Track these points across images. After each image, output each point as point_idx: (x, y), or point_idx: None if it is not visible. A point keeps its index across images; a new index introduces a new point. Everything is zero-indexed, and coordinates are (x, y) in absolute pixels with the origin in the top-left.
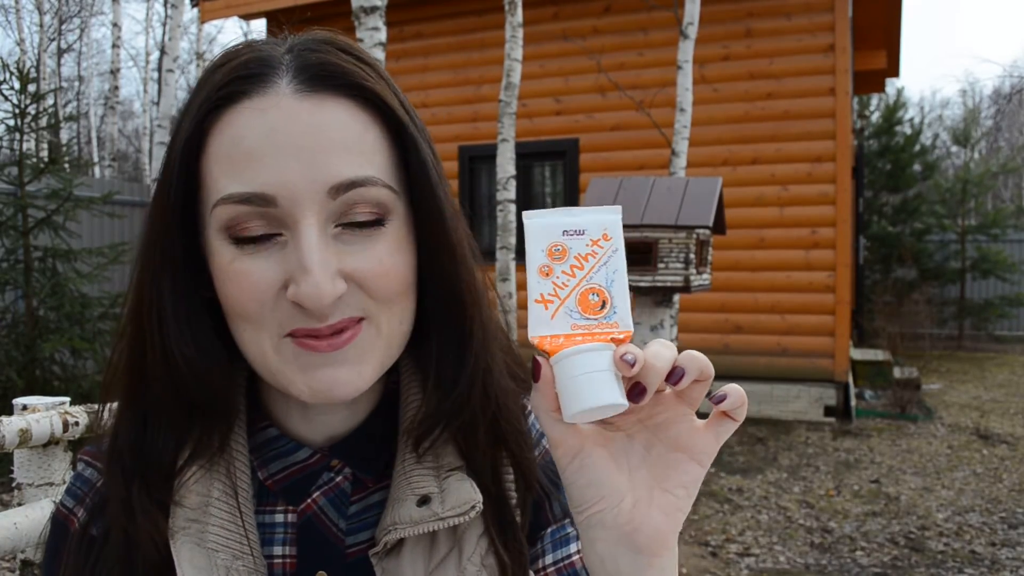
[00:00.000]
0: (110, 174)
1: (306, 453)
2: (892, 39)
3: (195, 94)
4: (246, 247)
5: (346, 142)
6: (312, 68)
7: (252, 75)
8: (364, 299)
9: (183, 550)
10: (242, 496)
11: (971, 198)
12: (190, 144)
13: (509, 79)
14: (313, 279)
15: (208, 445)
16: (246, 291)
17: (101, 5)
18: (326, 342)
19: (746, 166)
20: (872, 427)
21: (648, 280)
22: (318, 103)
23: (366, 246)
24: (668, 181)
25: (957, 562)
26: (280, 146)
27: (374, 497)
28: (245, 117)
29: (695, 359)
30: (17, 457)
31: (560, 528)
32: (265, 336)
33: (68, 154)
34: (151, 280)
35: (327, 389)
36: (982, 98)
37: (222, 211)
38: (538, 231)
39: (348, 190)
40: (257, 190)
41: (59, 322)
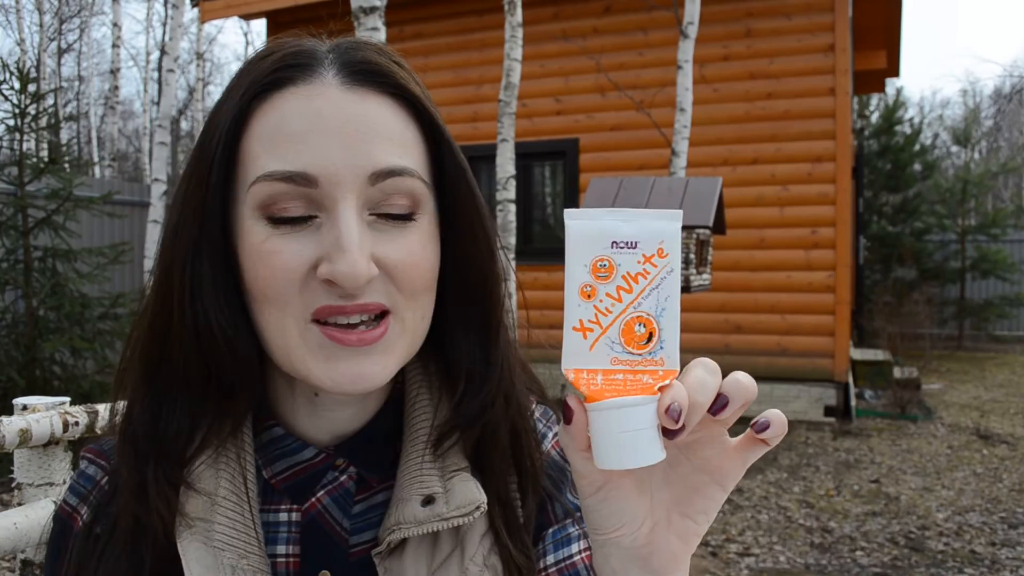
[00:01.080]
0: (110, 174)
1: (311, 452)
2: (892, 39)
3: (238, 80)
4: (281, 227)
5: (388, 133)
6: (357, 64)
7: (300, 64)
8: (392, 290)
9: (190, 549)
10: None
11: (971, 198)
12: (234, 125)
13: (509, 79)
14: (351, 257)
15: (220, 432)
16: (278, 269)
17: (101, 5)
18: (355, 336)
19: (746, 166)
20: (872, 427)
21: None
22: (362, 96)
23: (397, 236)
24: (668, 181)
25: (957, 562)
26: (325, 129)
27: (378, 497)
28: (292, 102)
29: (740, 387)
30: (17, 457)
31: (562, 528)
32: (291, 320)
33: (68, 154)
34: (185, 257)
35: (350, 382)
36: (982, 98)
37: (261, 188)
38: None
39: (387, 177)
40: (300, 169)
41: (59, 322)
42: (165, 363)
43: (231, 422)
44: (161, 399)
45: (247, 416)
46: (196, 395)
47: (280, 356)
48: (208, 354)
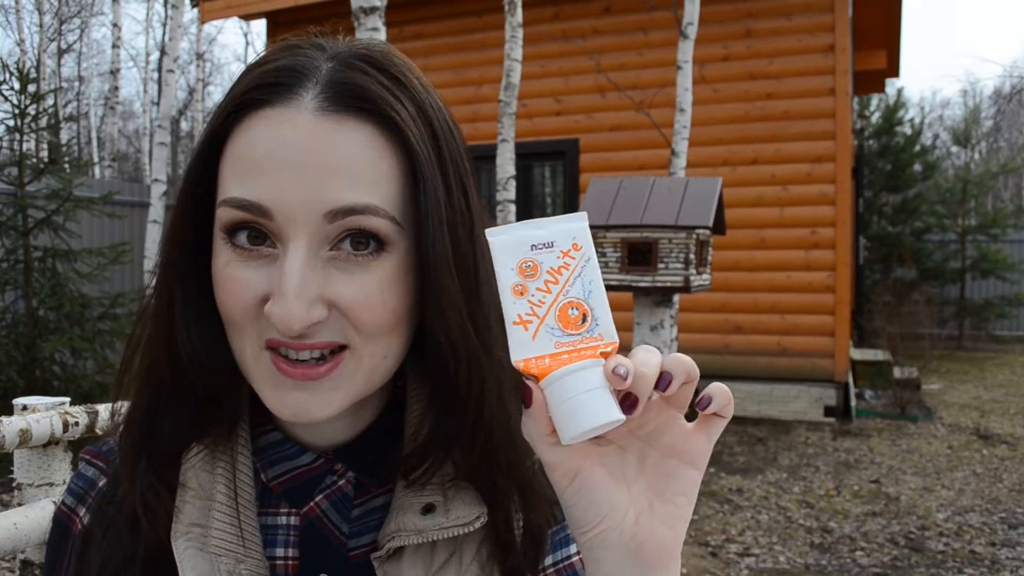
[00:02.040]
0: (110, 174)
1: (309, 457)
2: (892, 39)
3: (230, 90)
4: (240, 251)
5: (354, 167)
6: (338, 86)
7: (279, 84)
8: (347, 328)
9: (186, 556)
10: (244, 499)
11: (971, 198)
12: (211, 144)
13: (509, 79)
14: (286, 303)
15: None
16: (232, 296)
17: (101, 5)
18: (300, 370)
19: (746, 166)
20: (872, 427)
21: (648, 280)
22: (336, 123)
23: (356, 275)
24: (668, 181)
25: (957, 562)
26: (285, 161)
27: (377, 501)
28: (261, 126)
29: (680, 362)
30: (17, 457)
31: (561, 528)
32: (247, 344)
33: (68, 154)
34: (167, 272)
35: (293, 414)
36: (982, 98)
37: (223, 212)
38: (505, 249)
39: (345, 216)
40: (255, 200)
41: (59, 322)
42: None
43: (223, 427)
44: (158, 400)
45: (238, 422)
46: (184, 403)
47: (246, 375)
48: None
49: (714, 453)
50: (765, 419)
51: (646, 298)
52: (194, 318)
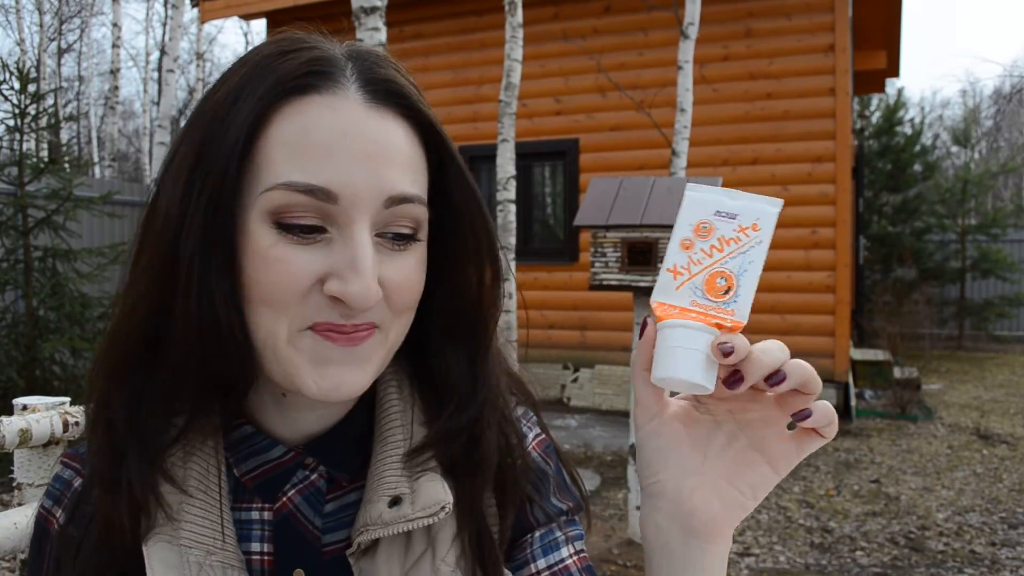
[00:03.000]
0: (110, 174)
1: (280, 451)
2: (892, 39)
3: (257, 76)
4: (289, 235)
5: (403, 159)
6: (380, 83)
7: (323, 72)
8: (385, 308)
9: (154, 549)
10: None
11: (971, 198)
12: (254, 124)
13: (509, 79)
14: (365, 280)
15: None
16: (283, 277)
17: (101, 5)
18: (346, 336)
19: (746, 166)
20: (872, 427)
21: (648, 280)
22: (382, 117)
23: (398, 259)
24: (668, 181)
25: (957, 562)
26: (350, 148)
27: (350, 496)
28: (316, 111)
29: (802, 369)
30: (17, 457)
31: (548, 532)
32: (283, 326)
33: (68, 154)
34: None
35: (333, 387)
36: (982, 98)
37: (277, 195)
38: (693, 205)
39: (400, 203)
40: (322, 184)
41: (59, 322)
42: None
43: (215, 419)
44: (142, 393)
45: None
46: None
47: (267, 355)
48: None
49: None
50: None
51: (646, 298)
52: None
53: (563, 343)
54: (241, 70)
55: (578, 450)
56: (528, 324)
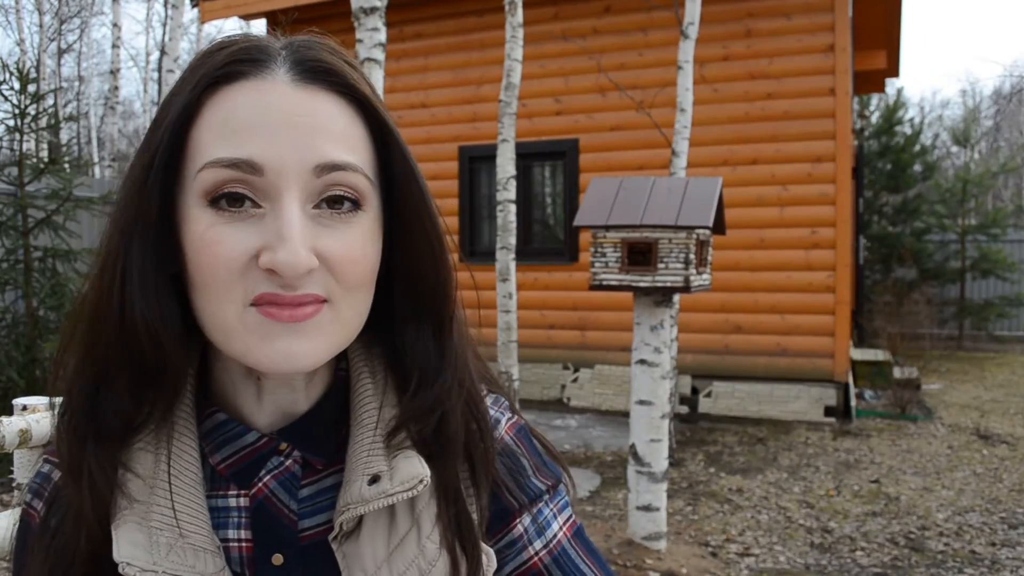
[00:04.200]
0: (110, 174)
1: (254, 436)
2: (892, 39)
3: (190, 73)
4: (224, 214)
5: (334, 130)
6: (308, 63)
7: (252, 59)
8: (331, 282)
9: (122, 527)
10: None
11: (971, 198)
12: (184, 114)
13: (509, 79)
14: (291, 246)
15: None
16: (219, 257)
17: (101, 5)
18: (287, 312)
19: (746, 166)
20: (872, 427)
21: (648, 280)
22: (311, 93)
23: (340, 231)
24: (668, 181)
25: (957, 562)
26: (274, 122)
27: (327, 481)
28: (242, 94)
29: None
30: (17, 457)
31: (539, 512)
32: (229, 306)
33: (68, 154)
34: (119, 239)
35: (283, 359)
36: (982, 98)
37: (207, 174)
38: None
39: (332, 171)
40: (246, 156)
41: (59, 322)
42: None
43: (163, 405)
44: (99, 381)
45: (180, 400)
46: (132, 379)
47: (219, 339)
48: (132, 342)
49: (714, 453)
50: (765, 419)
51: (646, 298)
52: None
53: (563, 343)
54: (186, 70)
55: (578, 450)
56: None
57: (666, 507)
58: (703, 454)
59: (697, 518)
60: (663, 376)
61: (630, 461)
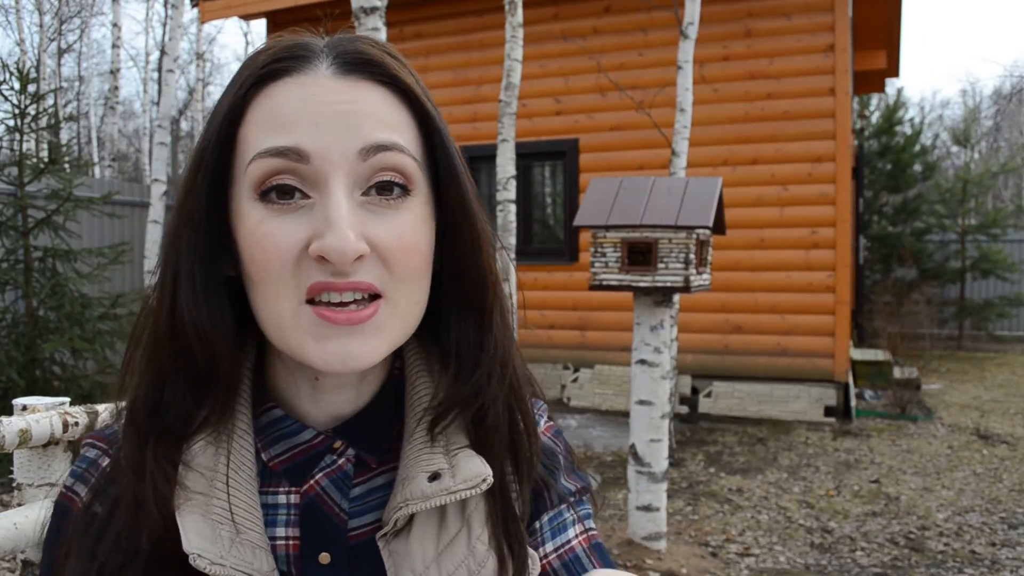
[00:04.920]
0: (110, 174)
1: (310, 434)
2: (892, 39)
3: (236, 76)
4: (274, 207)
5: (379, 115)
6: (349, 55)
7: (295, 56)
8: (383, 272)
9: (188, 519)
10: (245, 475)
11: (971, 198)
12: (231, 114)
13: (509, 79)
14: (339, 231)
15: (218, 414)
16: (271, 250)
17: (101, 5)
18: (344, 315)
19: (746, 166)
20: (872, 427)
21: (648, 280)
22: (354, 84)
23: (390, 217)
24: (668, 181)
25: (957, 562)
26: (317, 110)
27: (378, 480)
28: (286, 89)
29: None
30: (17, 457)
31: (557, 514)
32: (284, 302)
33: (68, 154)
34: (171, 242)
35: (340, 360)
36: (982, 98)
37: (256, 166)
38: None
39: (377, 152)
40: (291, 144)
41: (59, 322)
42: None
43: (221, 405)
44: (161, 382)
45: (236, 400)
46: (189, 380)
47: (275, 336)
48: (184, 345)
49: (714, 453)
50: (765, 419)
51: (646, 298)
52: (202, 287)
53: (563, 343)
54: (233, 76)
55: (578, 450)
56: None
57: (666, 507)
58: (703, 454)
59: (697, 518)
60: (663, 376)
61: (630, 461)
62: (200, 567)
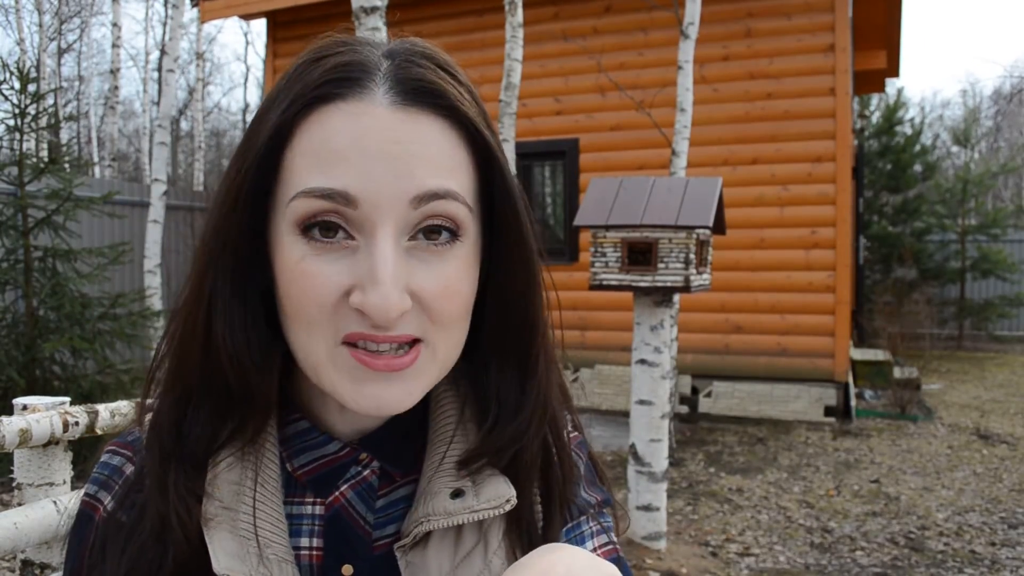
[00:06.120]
0: (110, 174)
1: (336, 446)
2: (892, 39)
3: (287, 86)
4: (316, 244)
5: (434, 156)
6: (410, 83)
7: (349, 78)
8: (424, 320)
9: (215, 537)
10: (272, 486)
11: (971, 198)
12: (277, 136)
13: (509, 79)
14: (383, 290)
15: (242, 435)
16: (310, 292)
17: (101, 5)
18: (382, 361)
19: (746, 166)
20: (872, 427)
21: (648, 280)
22: (411, 116)
23: (435, 265)
24: (668, 181)
25: (957, 562)
26: (369, 150)
27: (400, 492)
28: (338, 119)
29: None
30: (17, 457)
31: (576, 526)
32: (320, 341)
33: (68, 154)
34: (206, 263)
35: (375, 406)
36: (982, 98)
37: (300, 204)
38: None
39: (430, 201)
40: (341, 188)
41: (59, 322)
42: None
43: (252, 427)
44: (186, 401)
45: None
46: (218, 403)
47: (309, 372)
48: (216, 370)
49: (714, 453)
50: (765, 419)
51: (646, 298)
52: (239, 317)
53: (563, 343)
54: (282, 80)
55: None
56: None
57: (666, 507)
58: (703, 454)
59: (697, 518)
60: (663, 376)
61: (630, 461)
62: None
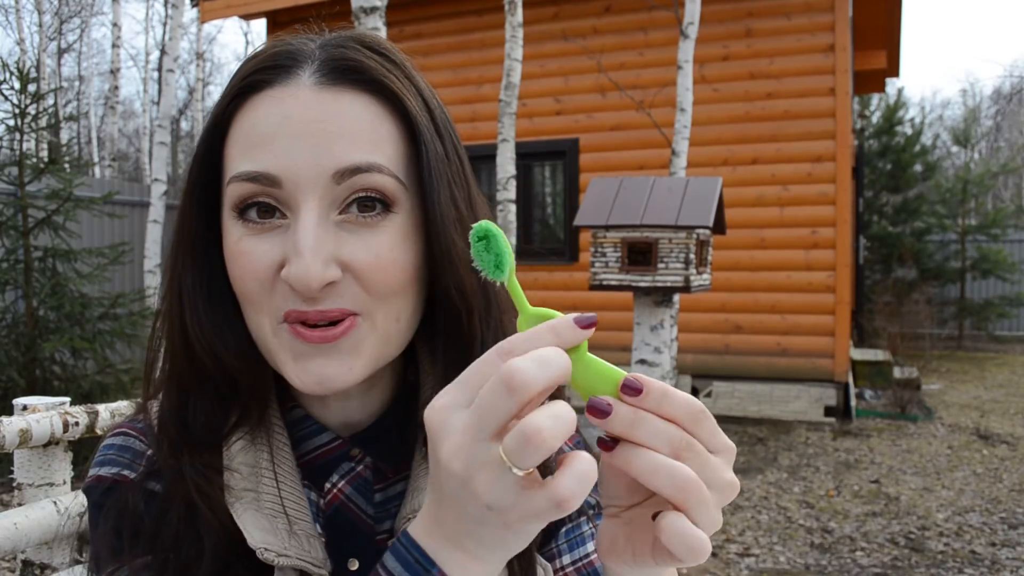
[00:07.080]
0: (110, 174)
1: (328, 437)
2: (892, 39)
3: (230, 80)
4: (252, 225)
5: (356, 131)
6: (333, 62)
7: (277, 66)
8: (360, 292)
9: (245, 516)
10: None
11: (971, 198)
12: (215, 129)
13: (509, 79)
14: (304, 261)
15: (247, 418)
16: (247, 270)
17: (101, 5)
18: (317, 333)
19: (746, 166)
20: (872, 427)
21: (648, 280)
22: (335, 94)
23: (366, 236)
24: (668, 181)
25: (957, 562)
26: (290, 131)
27: (396, 487)
28: (264, 105)
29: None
30: (17, 457)
31: (575, 527)
32: (265, 319)
33: (68, 154)
34: (172, 259)
35: (316, 382)
36: (982, 98)
37: (233, 188)
38: None
39: (353, 175)
40: (264, 169)
41: (59, 322)
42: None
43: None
44: (185, 393)
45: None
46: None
47: (265, 354)
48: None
49: None
50: (765, 419)
51: (646, 298)
52: (204, 304)
53: None
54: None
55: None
56: None
57: None
58: None
59: None
60: (663, 376)
61: None
62: (268, 560)
